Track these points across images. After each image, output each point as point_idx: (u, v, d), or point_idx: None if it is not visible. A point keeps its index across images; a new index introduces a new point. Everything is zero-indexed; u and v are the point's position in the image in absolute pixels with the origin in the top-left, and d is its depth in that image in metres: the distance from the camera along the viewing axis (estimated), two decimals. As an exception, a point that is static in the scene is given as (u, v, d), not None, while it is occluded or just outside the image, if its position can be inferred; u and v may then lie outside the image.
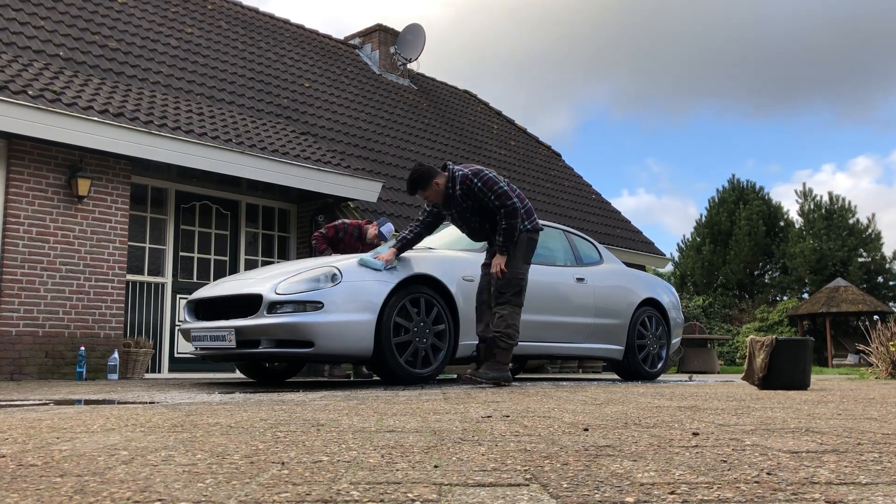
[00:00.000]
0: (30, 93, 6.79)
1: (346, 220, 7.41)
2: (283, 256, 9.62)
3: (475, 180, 5.12)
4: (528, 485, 1.27)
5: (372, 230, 7.17)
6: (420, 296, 5.16)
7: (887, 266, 25.75)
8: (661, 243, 61.95)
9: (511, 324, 5.08)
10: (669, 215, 66.91)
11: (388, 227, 7.16)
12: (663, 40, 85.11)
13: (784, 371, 4.59)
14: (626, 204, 70.06)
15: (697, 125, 76.70)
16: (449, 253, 5.75)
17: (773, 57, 70.21)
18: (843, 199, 26.54)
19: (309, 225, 9.54)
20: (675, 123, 78.04)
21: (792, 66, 70.01)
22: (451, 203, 5.23)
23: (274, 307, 4.85)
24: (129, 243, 7.91)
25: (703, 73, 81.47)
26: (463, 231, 5.44)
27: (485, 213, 5.21)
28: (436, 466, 1.46)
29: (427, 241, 6.41)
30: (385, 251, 5.22)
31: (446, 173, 5.20)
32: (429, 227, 5.44)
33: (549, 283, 6.29)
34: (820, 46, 67.08)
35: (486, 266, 5.34)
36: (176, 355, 8.50)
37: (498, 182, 5.12)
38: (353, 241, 7.19)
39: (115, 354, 7.02)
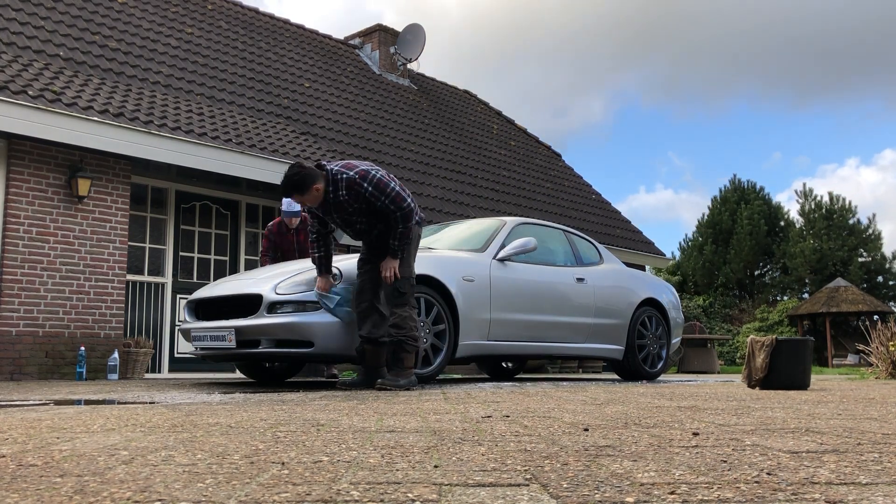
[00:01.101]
0: (30, 93, 6.79)
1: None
2: (283, 256, 9.62)
3: (364, 184, 4.57)
4: (528, 485, 1.27)
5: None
6: (420, 296, 5.16)
7: (887, 266, 25.74)
8: (675, 240, 60.58)
9: (413, 325, 4.68)
10: (688, 211, 65.33)
11: (287, 202, 6.60)
12: (703, 24, 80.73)
13: (784, 371, 4.59)
14: (645, 200, 67.86)
15: (730, 114, 71.64)
16: (449, 253, 5.75)
17: (821, 43, 65.06)
18: (844, 199, 26.57)
19: (309, 225, 9.54)
20: (707, 112, 73.69)
21: (840, 54, 64.39)
22: (331, 208, 4.70)
23: (274, 307, 4.85)
24: (129, 243, 7.91)
25: (744, 58, 75.08)
26: (346, 233, 4.94)
27: (375, 214, 4.72)
28: (436, 466, 1.46)
29: (427, 241, 6.42)
30: (315, 282, 4.87)
31: (324, 173, 4.63)
32: (326, 235, 4.91)
33: (549, 283, 6.29)
34: (871, 34, 61.16)
35: (366, 263, 4.89)
36: (176, 355, 8.50)
37: (389, 183, 4.63)
38: (290, 236, 6.80)
39: (115, 354, 7.02)
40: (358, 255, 5.08)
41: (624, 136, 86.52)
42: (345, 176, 4.59)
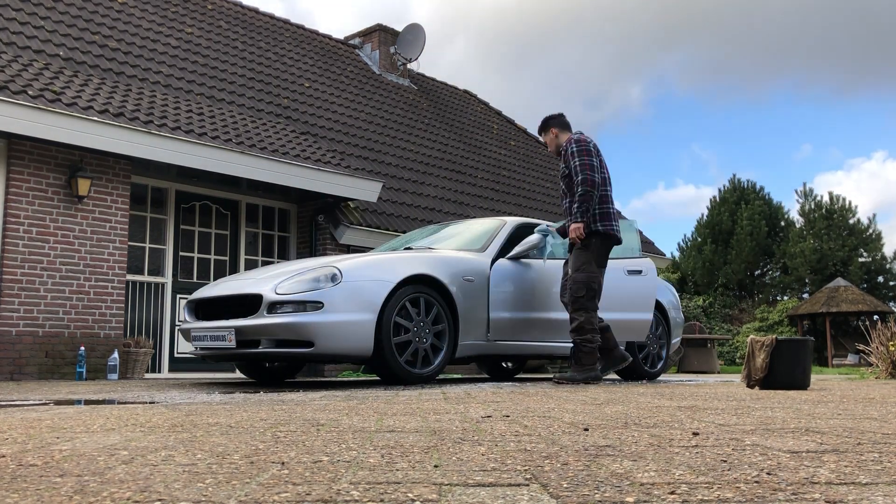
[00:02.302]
0: (30, 93, 6.79)
1: None
2: (283, 256, 9.62)
3: (569, 145, 5.42)
4: (528, 485, 1.27)
5: None
6: (420, 296, 5.16)
7: (887, 266, 25.74)
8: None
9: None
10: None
11: None
12: (750, 6, 76.91)
13: (784, 371, 4.59)
14: (664, 196, 65.56)
15: (771, 101, 66.96)
16: (449, 253, 5.75)
17: (874, 28, 59.56)
18: (844, 199, 26.58)
19: (309, 225, 9.54)
20: (747, 99, 68.93)
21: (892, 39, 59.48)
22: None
23: (274, 307, 4.85)
24: (129, 243, 7.91)
25: (795, 40, 69.13)
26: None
27: (569, 184, 5.42)
28: (436, 466, 1.46)
29: (427, 241, 6.42)
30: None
31: (569, 133, 5.58)
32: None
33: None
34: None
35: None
36: (176, 355, 8.50)
37: (583, 154, 5.33)
38: None
39: (115, 354, 7.02)
40: (359, 255, 5.08)
41: (658, 128, 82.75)
42: (572, 136, 5.50)
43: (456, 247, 6.02)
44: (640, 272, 6.46)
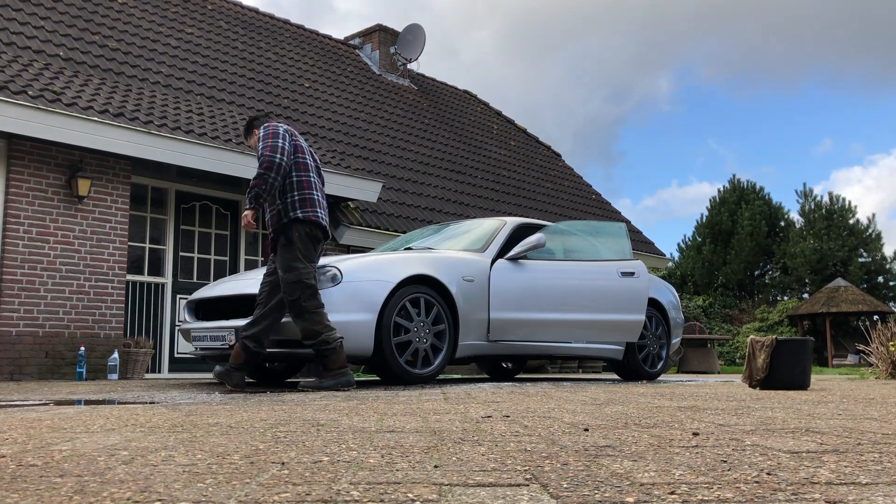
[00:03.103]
0: (30, 93, 6.79)
1: None
2: (283, 256, 9.61)
3: (259, 134, 4.75)
4: (528, 485, 1.27)
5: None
6: (420, 296, 5.16)
7: (887, 266, 25.72)
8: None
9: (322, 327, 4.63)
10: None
11: None
12: None
13: (784, 371, 4.59)
14: (676, 194, 64.77)
15: (795, 95, 65.27)
16: (449, 253, 5.75)
17: None
18: (844, 199, 26.56)
19: (309, 225, 9.54)
20: (772, 92, 66.41)
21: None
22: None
23: (274, 307, 4.84)
24: (129, 243, 7.91)
25: (829, 29, 67.50)
26: None
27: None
28: (436, 466, 1.46)
29: (427, 241, 6.42)
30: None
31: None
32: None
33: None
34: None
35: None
36: (176, 355, 8.49)
37: (268, 137, 4.62)
38: None
39: (115, 354, 7.02)
40: (359, 255, 5.07)
41: (678, 123, 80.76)
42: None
43: (456, 247, 6.02)
44: (632, 274, 6.47)
